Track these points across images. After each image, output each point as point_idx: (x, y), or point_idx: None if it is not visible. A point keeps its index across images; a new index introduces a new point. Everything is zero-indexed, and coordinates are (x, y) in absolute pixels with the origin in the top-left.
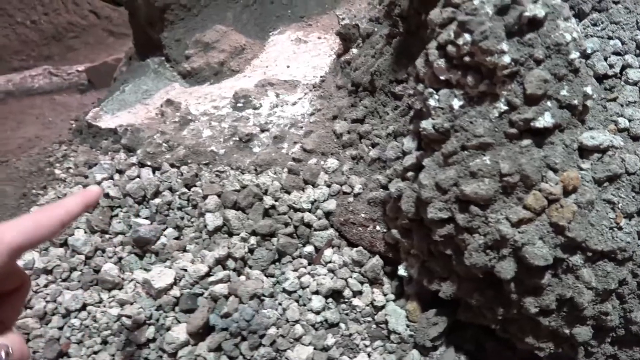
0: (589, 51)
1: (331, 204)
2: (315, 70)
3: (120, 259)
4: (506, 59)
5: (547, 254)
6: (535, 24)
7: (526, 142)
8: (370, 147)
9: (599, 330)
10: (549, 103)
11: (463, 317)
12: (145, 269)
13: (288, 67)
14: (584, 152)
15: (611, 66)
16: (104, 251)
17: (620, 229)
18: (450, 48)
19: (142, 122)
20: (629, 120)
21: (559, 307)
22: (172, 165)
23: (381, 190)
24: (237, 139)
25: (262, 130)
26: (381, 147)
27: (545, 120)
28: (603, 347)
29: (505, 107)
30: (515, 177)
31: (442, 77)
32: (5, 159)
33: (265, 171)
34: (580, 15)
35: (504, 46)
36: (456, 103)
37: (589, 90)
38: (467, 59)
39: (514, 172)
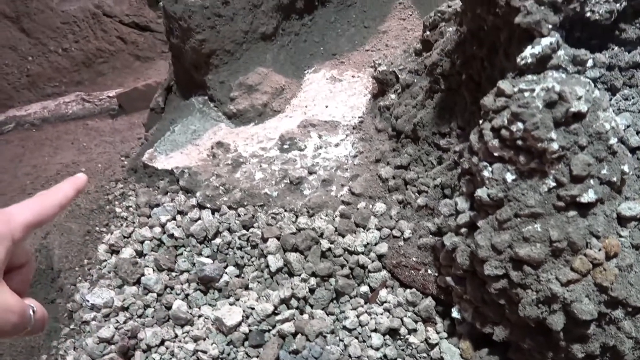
0: (622, 127)
1: (383, 247)
2: (352, 110)
3: (187, 295)
4: (555, 146)
5: (592, 310)
6: (579, 116)
7: (572, 213)
8: (417, 194)
9: None
10: (591, 181)
11: (514, 357)
12: (210, 305)
13: (326, 107)
14: (623, 220)
15: None
16: (172, 288)
17: None
18: (504, 132)
19: (197, 163)
20: None
21: (603, 353)
22: (229, 208)
23: (431, 236)
24: (288, 181)
25: (310, 173)
26: (429, 196)
27: (589, 197)
28: None
29: (554, 184)
30: (563, 243)
31: (495, 154)
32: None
33: (318, 214)
34: (612, 90)
35: (553, 135)
36: (509, 177)
37: (625, 168)
38: (519, 142)
39: (562, 239)
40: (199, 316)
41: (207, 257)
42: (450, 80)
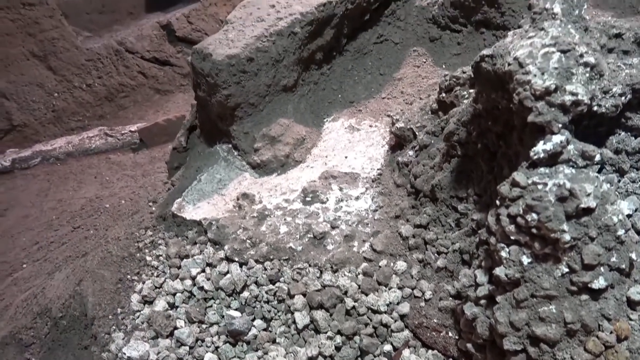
0: (630, 212)
1: (405, 307)
2: (371, 161)
3: (217, 348)
4: (567, 237)
5: None
6: (588, 211)
7: (585, 297)
8: (436, 255)
9: None
10: (602, 269)
11: None
12: (239, 357)
13: (346, 157)
14: (632, 304)
15: None
16: (203, 341)
17: None
18: (520, 220)
19: (224, 215)
20: None
21: None
22: (256, 261)
23: (451, 299)
24: (312, 236)
25: (333, 227)
26: (448, 259)
27: (600, 283)
28: None
29: (567, 270)
30: (577, 325)
31: (512, 237)
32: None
33: (341, 270)
34: (620, 172)
35: (565, 227)
36: (525, 259)
37: (633, 255)
38: (534, 230)
39: (576, 321)
40: None
41: (236, 309)
42: (467, 147)
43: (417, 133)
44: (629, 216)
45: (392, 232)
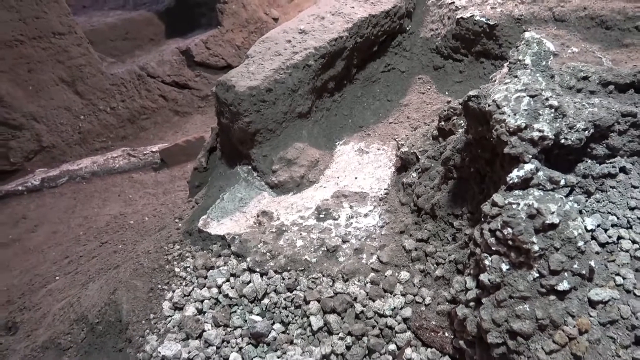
0: (593, 227)
1: (407, 312)
2: (379, 182)
3: (241, 348)
4: (535, 247)
5: None
6: (553, 226)
7: (552, 297)
8: (435, 265)
9: None
10: (565, 274)
11: None
12: (260, 357)
13: (356, 178)
14: (592, 303)
15: (610, 236)
16: (228, 342)
17: (619, 356)
18: (498, 233)
19: (245, 230)
20: (623, 279)
21: None
22: (275, 272)
23: (447, 304)
24: (325, 249)
25: (344, 242)
26: (445, 269)
27: (564, 286)
28: None
29: (537, 275)
30: (546, 320)
31: (493, 248)
32: (104, 241)
33: (352, 279)
34: (588, 194)
35: (534, 239)
36: (504, 267)
37: (592, 263)
38: (510, 242)
39: (546, 317)
40: None
41: (257, 314)
42: (461, 171)
43: (419, 157)
44: (592, 230)
45: (396, 245)
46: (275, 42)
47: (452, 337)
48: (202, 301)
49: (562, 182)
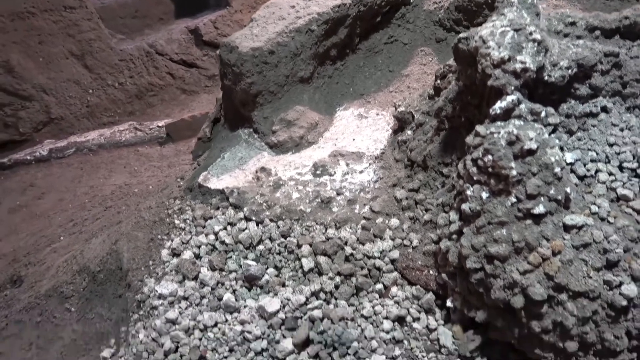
0: (573, 160)
1: (395, 254)
2: (376, 143)
3: (235, 290)
4: (514, 172)
5: (543, 293)
6: (531, 152)
7: (528, 221)
8: (424, 212)
9: (583, 345)
10: (542, 199)
11: (492, 336)
12: (253, 299)
13: (354, 140)
14: (567, 228)
15: (588, 170)
16: (223, 284)
17: (590, 277)
18: (480, 162)
19: (244, 185)
20: (598, 207)
21: (554, 328)
22: (271, 220)
23: (433, 244)
24: (320, 200)
25: (338, 194)
26: (433, 212)
27: (539, 209)
28: (588, 357)
29: (515, 200)
30: (521, 243)
31: (475, 178)
32: (108, 205)
33: (344, 226)
34: (570, 133)
35: (513, 165)
36: (484, 195)
37: (568, 189)
38: (490, 169)
39: (521, 240)
40: (245, 306)
41: (252, 260)
42: (452, 121)
43: (415, 115)
44: (571, 164)
45: (388, 196)
46: (279, 7)
47: (435, 274)
48: (199, 247)
49: (543, 114)
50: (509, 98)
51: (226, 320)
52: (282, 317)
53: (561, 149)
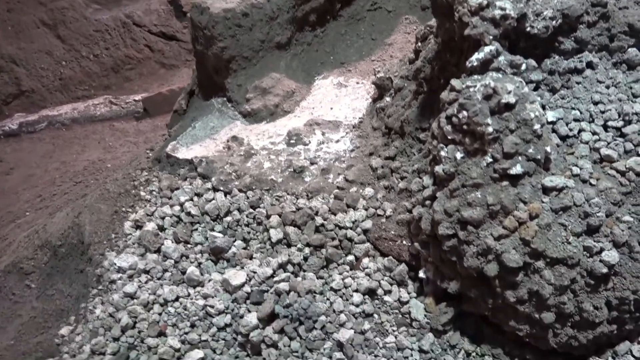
0: (555, 119)
1: (368, 224)
2: (354, 112)
3: (200, 263)
4: (490, 129)
5: (518, 259)
6: (509, 106)
7: (505, 183)
8: (399, 180)
9: (560, 316)
10: (519, 158)
11: (465, 307)
12: (219, 272)
13: (331, 109)
14: (546, 190)
15: (571, 129)
16: (187, 257)
17: (569, 243)
18: (454, 119)
19: (213, 154)
20: (580, 169)
21: (530, 298)
22: (240, 191)
23: (407, 213)
24: (292, 170)
25: (312, 163)
26: (408, 180)
27: (517, 169)
28: (565, 329)
29: (491, 160)
30: (497, 206)
31: (449, 137)
32: (79, 180)
33: (316, 197)
34: (553, 91)
35: (489, 120)
36: (458, 155)
37: (548, 149)
38: (465, 127)
39: (497, 203)
40: (209, 280)
41: (219, 232)
42: (431, 83)
43: (394, 81)
44: (553, 123)
45: (364, 165)
46: None
47: (408, 244)
48: (163, 218)
49: (524, 67)
50: (487, 49)
51: (188, 295)
52: (247, 291)
53: (543, 107)
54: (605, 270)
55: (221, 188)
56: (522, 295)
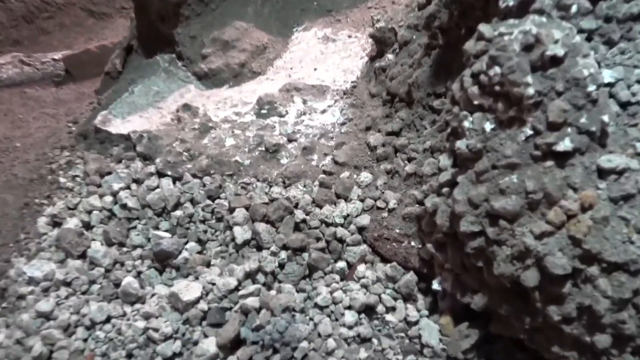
0: (612, 80)
1: (364, 219)
2: (345, 74)
3: (139, 273)
4: (530, 91)
5: (566, 264)
6: (556, 61)
7: (549, 163)
8: (406, 162)
9: (618, 338)
10: (569, 129)
11: (494, 329)
12: (166, 285)
13: (315, 69)
14: (602, 173)
15: (634, 94)
16: (122, 264)
17: (632, 243)
18: (483, 77)
19: (158, 128)
20: None
21: (580, 315)
22: (194, 176)
23: (417, 205)
24: (263, 149)
25: (290, 141)
26: (418, 162)
27: (565, 145)
28: (624, 356)
29: (531, 132)
30: (539, 194)
31: (475, 102)
32: None
33: (295, 184)
34: (610, 44)
35: (529, 79)
36: (488, 126)
37: (606, 118)
38: (497, 87)
39: (538, 190)
40: (153, 294)
41: (165, 231)
42: (449, 34)
43: (398, 32)
44: (611, 85)
45: (359, 144)
46: None
47: (419, 247)
48: (90, 212)
49: (574, 9)
50: None
51: (124, 314)
52: (203, 309)
53: (598, 64)
54: None
55: (168, 172)
56: (569, 311)
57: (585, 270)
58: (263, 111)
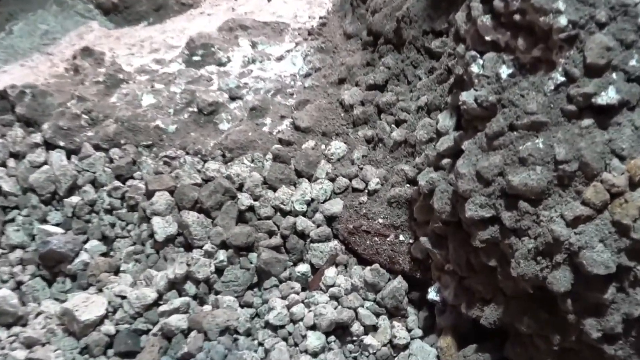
0: None
1: (336, 206)
2: (311, 6)
3: (19, 283)
4: (563, 21)
5: (608, 260)
6: None
7: (587, 122)
8: (393, 126)
9: None
10: (614, 75)
11: (512, 354)
12: (56, 299)
13: (269, 0)
14: None
15: None
16: None
17: None
18: (498, 2)
19: (47, 81)
20: None
21: (627, 330)
22: (96, 148)
23: (407, 185)
24: (195, 110)
25: (233, 98)
26: (409, 125)
27: (608, 96)
28: None
29: (563, 79)
30: (572, 165)
31: (487, 38)
32: None
33: (239, 158)
34: None
35: (560, 4)
36: (504, 71)
37: None
38: (517, 17)
39: (572, 158)
40: (38, 313)
41: (56, 225)
42: None
43: None
44: None
45: (329, 102)
46: None
47: (409, 241)
48: None
49: None
50: None
51: None
52: (108, 332)
53: None
54: None
55: (60, 143)
56: (613, 325)
57: (634, 269)
58: (195, 58)
